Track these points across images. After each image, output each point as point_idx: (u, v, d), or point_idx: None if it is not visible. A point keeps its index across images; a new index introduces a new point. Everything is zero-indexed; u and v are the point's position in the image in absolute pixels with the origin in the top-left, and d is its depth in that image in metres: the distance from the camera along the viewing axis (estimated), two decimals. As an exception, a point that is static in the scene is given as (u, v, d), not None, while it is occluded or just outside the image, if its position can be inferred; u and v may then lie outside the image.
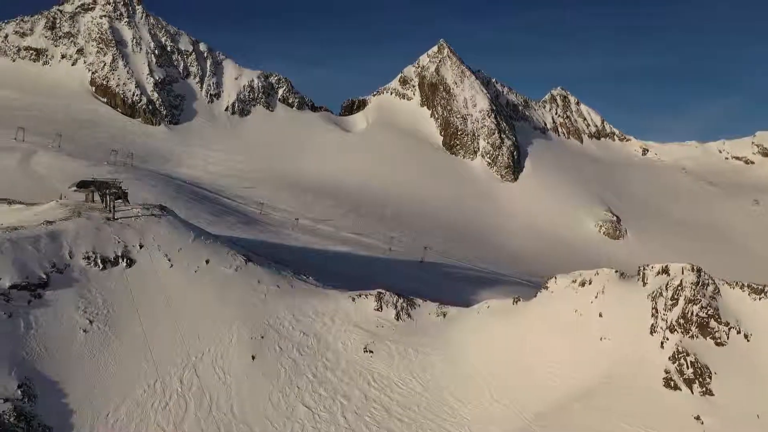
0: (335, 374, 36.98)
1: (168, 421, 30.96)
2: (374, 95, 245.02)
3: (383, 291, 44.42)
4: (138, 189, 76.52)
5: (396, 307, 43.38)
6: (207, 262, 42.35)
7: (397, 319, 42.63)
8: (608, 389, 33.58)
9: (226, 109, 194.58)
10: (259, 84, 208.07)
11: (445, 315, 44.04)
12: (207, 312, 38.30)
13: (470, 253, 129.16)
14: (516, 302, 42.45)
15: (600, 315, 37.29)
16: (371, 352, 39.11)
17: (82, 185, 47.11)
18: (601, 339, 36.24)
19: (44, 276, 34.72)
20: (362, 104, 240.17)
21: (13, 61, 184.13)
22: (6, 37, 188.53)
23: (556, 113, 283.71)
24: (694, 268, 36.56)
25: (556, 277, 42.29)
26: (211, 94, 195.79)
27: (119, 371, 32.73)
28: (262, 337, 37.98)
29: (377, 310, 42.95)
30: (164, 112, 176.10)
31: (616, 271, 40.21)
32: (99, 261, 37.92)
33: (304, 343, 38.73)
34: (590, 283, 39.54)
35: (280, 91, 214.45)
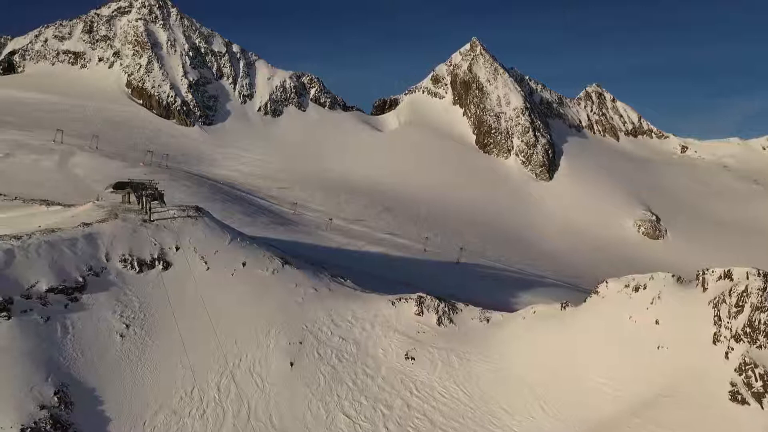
0: (376, 382, 35.59)
1: (205, 430, 29.99)
2: (406, 94, 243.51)
3: (424, 295, 42.87)
4: (173, 189, 76.62)
5: (437, 311, 41.79)
6: (244, 264, 41.41)
7: (439, 325, 41.05)
8: (668, 403, 31.43)
9: (259, 110, 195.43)
10: (292, 84, 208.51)
11: (488, 320, 42.28)
12: (244, 316, 37.30)
13: (505, 254, 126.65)
14: (564, 307, 40.45)
15: (657, 322, 35.09)
16: (413, 359, 37.61)
17: (119, 186, 46.75)
18: (658, 348, 34.06)
19: (81, 279, 34.13)
20: (394, 103, 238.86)
21: (53, 64, 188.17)
22: (46, 41, 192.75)
23: (591, 110, 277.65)
24: (760, 272, 34.09)
25: (606, 282, 40.16)
26: (243, 95, 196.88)
27: (156, 377, 31.90)
28: (301, 343, 36.80)
29: (418, 314, 41.43)
30: (198, 113, 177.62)
31: (673, 276, 37.90)
32: (135, 264, 37.25)
33: (343, 349, 37.43)
34: (645, 288, 37.32)
35: (312, 91, 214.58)
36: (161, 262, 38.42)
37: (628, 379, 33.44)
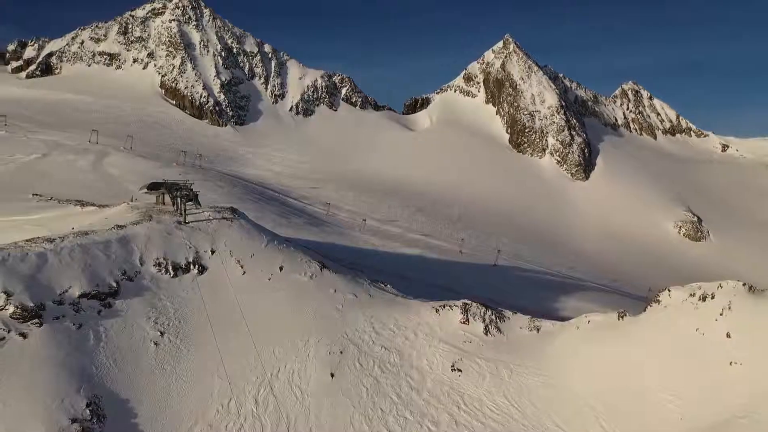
0: (421, 395, 33.44)
1: (243, 446, 28.28)
2: (437, 93, 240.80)
3: (469, 302, 40.56)
4: (206, 190, 75.45)
5: (484, 319, 39.42)
6: (281, 269, 39.67)
7: (486, 334, 38.68)
8: (743, 426, 28.54)
9: (290, 110, 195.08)
10: (323, 84, 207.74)
11: (538, 329, 39.75)
12: (282, 324, 35.53)
13: (542, 256, 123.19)
14: (622, 317, 37.71)
15: (728, 335, 32.15)
16: (459, 370, 35.35)
17: (153, 187, 45.51)
18: (730, 364, 31.14)
19: (114, 284, 32.76)
20: (425, 102, 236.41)
21: (89, 66, 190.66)
22: (82, 43, 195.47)
23: (628, 108, 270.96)
24: None
25: (669, 289, 37.26)
26: (275, 95, 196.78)
27: (191, 388, 30.31)
28: (341, 353, 34.86)
29: (463, 323, 39.13)
30: (230, 113, 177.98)
31: (744, 284, 34.86)
32: (170, 268, 35.79)
33: (386, 359, 35.36)
34: (713, 298, 34.36)
35: (344, 91, 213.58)
36: (196, 266, 36.91)
37: (697, 398, 30.63)
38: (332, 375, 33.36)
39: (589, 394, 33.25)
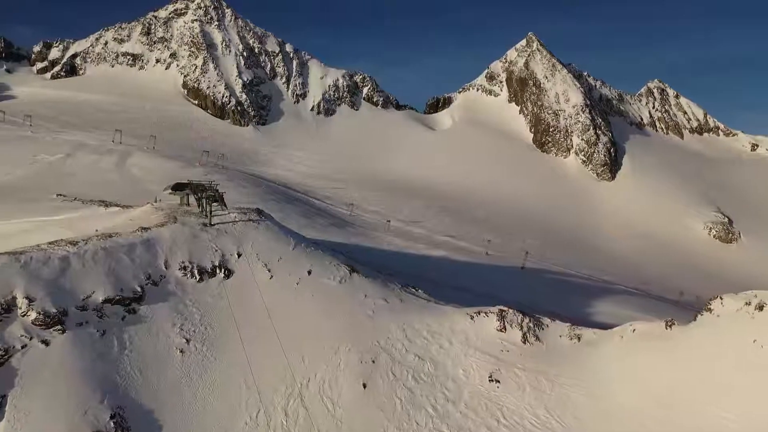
0: (458, 408, 31.71)
1: (272, 460, 26.83)
2: (459, 92, 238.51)
3: (505, 308, 38.68)
4: (229, 190, 73.92)
5: (521, 327, 37.52)
6: (309, 272, 38.19)
7: (524, 342, 36.77)
8: (811, 445, 26.39)
9: (312, 109, 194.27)
10: (344, 83, 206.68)
11: (579, 338, 37.72)
12: (311, 331, 34.03)
13: (569, 258, 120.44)
14: (670, 326, 35.53)
15: (790, 348, 29.92)
16: (497, 381, 33.53)
17: (177, 187, 44.29)
18: (793, 379, 28.91)
19: (139, 289, 31.53)
20: (447, 102, 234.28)
21: (112, 66, 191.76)
22: (106, 44, 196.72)
23: (654, 107, 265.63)
24: None
25: (721, 298, 34.99)
26: (297, 94, 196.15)
27: (218, 399, 28.94)
28: (374, 361, 33.26)
29: (500, 330, 37.26)
30: (252, 113, 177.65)
31: (804, 293, 32.56)
32: (196, 272, 34.50)
33: (420, 369, 33.68)
34: (771, 307, 32.10)
35: (365, 90, 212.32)
36: (222, 270, 35.57)
37: (759, 415, 28.47)
38: (364, 385, 31.78)
39: (638, 409, 31.19)
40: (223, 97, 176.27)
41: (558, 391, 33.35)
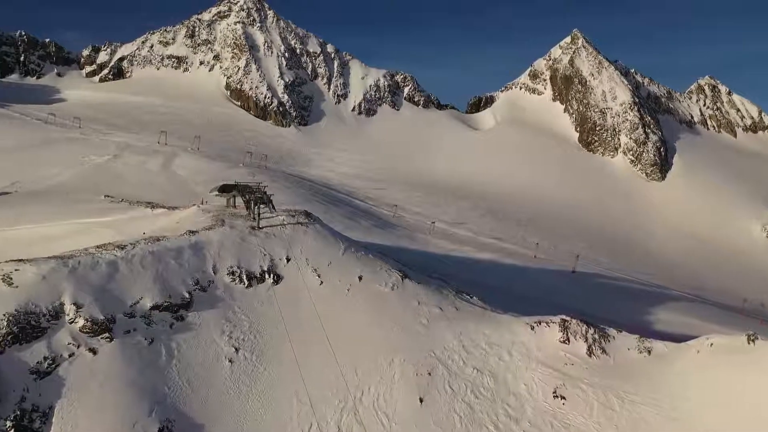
0: (521, 426, 29.57)
1: (326, 480, 25.26)
2: (502, 91, 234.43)
3: (567, 318, 36.26)
4: (273, 191, 73.71)
5: (586, 338, 35.05)
6: (360, 278, 36.55)
7: (590, 356, 34.31)
8: None
9: (353, 109, 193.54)
10: (385, 83, 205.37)
11: (650, 351, 35.01)
12: (364, 340, 32.38)
13: (617, 261, 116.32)
14: (752, 341, 32.60)
15: None
16: (563, 398, 31.23)
17: (224, 189, 43.34)
18: None
19: (187, 295, 30.41)
20: (489, 101, 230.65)
21: (158, 69, 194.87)
22: (152, 47, 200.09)
23: (704, 105, 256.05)
24: None
25: (812, 311, 31.93)
26: (338, 95, 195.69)
27: (269, 412, 27.53)
28: (429, 374, 31.38)
29: (563, 342, 34.89)
30: (293, 114, 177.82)
31: None
32: (244, 277, 33.25)
33: (479, 383, 31.64)
34: None
35: (406, 90, 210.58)
36: (271, 276, 34.22)
37: None
38: (421, 400, 29.94)
39: (720, 431, 28.52)
40: (265, 98, 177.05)
41: (630, 409, 30.83)
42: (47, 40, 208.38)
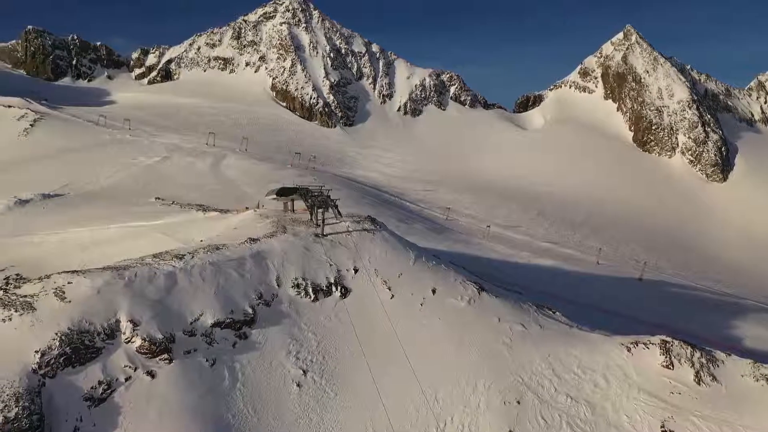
0: (627, 466, 25.76)
1: None
2: (551, 90, 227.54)
3: (669, 338, 32.15)
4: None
5: (692, 363, 30.90)
6: (433, 291, 33.22)
7: (698, 383, 30.17)
8: None
9: (399, 109, 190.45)
10: (431, 83, 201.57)
11: (767, 379, 30.68)
12: (443, 362, 29.06)
13: (682, 267, 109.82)
14: None
15: None
16: (672, 433, 27.27)
17: (282, 193, 40.58)
18: None
19: (250, 310, 27.63)
20: (538, 100, 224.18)
21: (204, 71, 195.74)
22: (199, 49, 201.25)
23: (765, 102, 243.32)
24: None
25: None
26: (383, 95, 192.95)
27: (343, 445, 24.48)
28: (518, 402, 27.85)
29: (666, 367, 30.82)
30: (339, 114, 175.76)
31: None
32: (310, 290, 30.34)
33: (575, 413, 27.93)
34: None
35: (452, 89, 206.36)
36: (338, 288, 31.23)
37: None
38: (511, 433, 26.44)
39: None
40: (310, 98, 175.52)
41: (753, 449, 26.70)
42: (98, 43, 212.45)
